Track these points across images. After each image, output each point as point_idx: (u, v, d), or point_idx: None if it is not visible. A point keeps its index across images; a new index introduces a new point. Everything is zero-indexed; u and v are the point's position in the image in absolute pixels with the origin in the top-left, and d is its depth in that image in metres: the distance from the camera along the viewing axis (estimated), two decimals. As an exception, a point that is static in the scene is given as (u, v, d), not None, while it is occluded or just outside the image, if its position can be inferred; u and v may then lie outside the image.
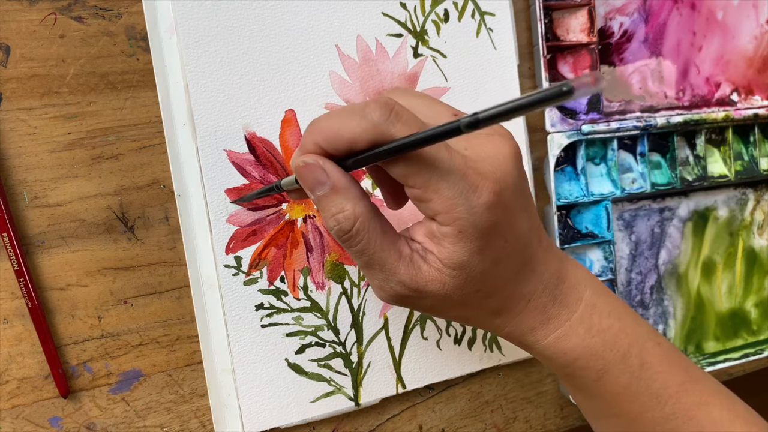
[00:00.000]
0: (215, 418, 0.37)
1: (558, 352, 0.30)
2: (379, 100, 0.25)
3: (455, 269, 0.27)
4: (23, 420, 0.34)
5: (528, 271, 0.29)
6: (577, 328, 0.30)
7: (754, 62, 0.52)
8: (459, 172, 0.25)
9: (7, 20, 0.33)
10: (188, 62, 0.35)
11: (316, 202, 0.27)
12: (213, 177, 0.35)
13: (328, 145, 0.26)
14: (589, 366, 0.30)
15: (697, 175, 0.48)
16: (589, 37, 0.45)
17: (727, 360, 0.49)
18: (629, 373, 0.30)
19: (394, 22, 0.39)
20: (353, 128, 0.25)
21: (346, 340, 0.39)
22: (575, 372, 0.31)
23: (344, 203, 0.26)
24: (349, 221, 0.26)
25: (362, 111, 0.25)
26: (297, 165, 0.27)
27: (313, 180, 0.26)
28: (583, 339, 0.30)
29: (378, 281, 0.28)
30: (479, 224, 0.26)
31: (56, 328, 0.34)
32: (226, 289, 0.36)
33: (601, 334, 0.30)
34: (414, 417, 0.42)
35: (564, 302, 0.30)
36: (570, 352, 0.30)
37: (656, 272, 0.49)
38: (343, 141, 0.25)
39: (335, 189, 0.26)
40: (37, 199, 0.34)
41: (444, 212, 0.26)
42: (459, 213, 0.25)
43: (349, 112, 0.25)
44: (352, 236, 0.27)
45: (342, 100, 0.38)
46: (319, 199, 0.27)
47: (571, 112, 0.45)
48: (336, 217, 0.26)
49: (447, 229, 0.26)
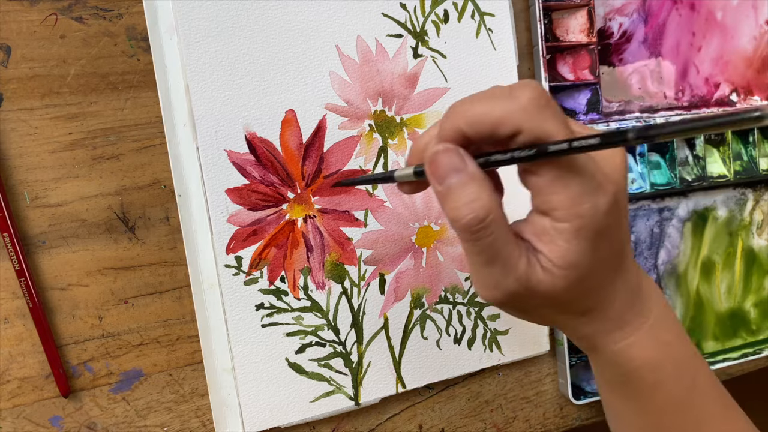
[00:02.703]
0: (216, 417, 0.37)
1: (625, 359, 0.30)
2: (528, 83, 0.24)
3: (566, 269, 0.26)
4: (24, 419, 0.34)
5: (620, 272, 0.29)
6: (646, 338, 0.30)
7: (753, 62, 0.52)
8: (590, 170, 0.25)
9: (7, 21, 0.33)
10: (189, 62, 0.35)
11: (444, 192, 0.26)
12: (213, 177, 0.35)
13: (470, 128, 0.25)
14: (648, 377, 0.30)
15: (697, 175, 0.48)
16: (588, 38, 0.45)
17: (726, 360, 0.49)
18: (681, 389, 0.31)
19: (394, 23, 0.39)
20: (501, 110, 0.24)
21: (346, 340, 0.39)
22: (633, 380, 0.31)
23: (481, 192, 0.25)
24: (485, 209, 0.25)
25: (510, 93, 0.24)
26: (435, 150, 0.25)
27: (449, 166, 0.25)
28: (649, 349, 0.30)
29: (494, 279, 0.27)
30: (598, 224, 0.25)
31: (57, 328, 0.34)
32: (227, 288, 0.36)
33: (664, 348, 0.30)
34: (414, 416, 0.42)
35: (639, 310, 0.30)
36: (635, 360, 0.30)
37: (655, 272, 0.49)
38: (487, 125, 0.24)
39: (471, 177, 0.25)
40: (37, 199, 0.34)
41: (566, 208, 0.25)
42: (584, 210, 0.25)
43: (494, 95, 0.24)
44: (485, 227, 0.25)
45: (342, 101, 0.38)
46: (452, 187, 0.25)
47: (571, 113, 0.45)
48: (471, 206, 0.25)
49: (564, 226, 0.25)
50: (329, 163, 0.38)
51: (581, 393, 0.45)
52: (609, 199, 0.25)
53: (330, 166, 0.38)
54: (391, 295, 0.40)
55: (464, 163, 0.25)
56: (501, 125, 0.24)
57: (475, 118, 0.25)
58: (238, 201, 0.36)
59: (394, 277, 0.40)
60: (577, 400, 0.44)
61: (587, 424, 0.46)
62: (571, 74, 0.45)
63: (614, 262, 0.28)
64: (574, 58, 0.45)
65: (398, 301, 0.40)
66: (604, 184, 0.25)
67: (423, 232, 0.40)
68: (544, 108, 0.24)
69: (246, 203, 0.36)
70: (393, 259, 0.40)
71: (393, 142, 0.39)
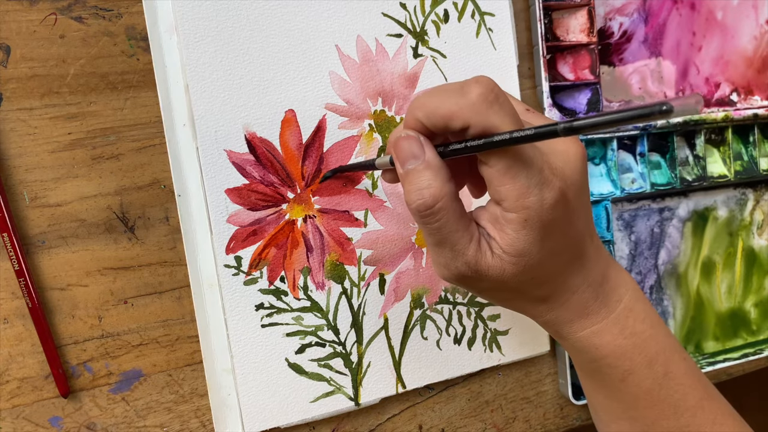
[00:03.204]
0: (215, 417, 0.37)
1: (590, 347, 0.31)
2: (479, 79, 0.26)
3: (515, 256, 0.28)
4: (23, 420, 0.34)
5: (578, 265, 0.30)
6: (612, 328, 0.31)
7: (753, 62, 0.52)
8: (537, 164, 0.26)
9: (7, 20, 0.33)
10: (188, 62, 0.35)
11: (403, 176, 0.28)
12: (213, 177, 0.35)
13: (427, 120, 0.27)
14: (616, 365, 0.31)
15: (697, 175, 0.48)
16: (588, 38, 0.45)
17: (727, 360, 0.49)
18: (652, 379, 0.31)
19: (394, 23, 0.39)
20: (451, 105, 0.26)
21: (346, 340, 0.39)
22: (602, 369, 0.32)
23: (433, 180, 0.27)
24: (433, 197, 0.27)
25: (461, 89, 0.26)
26: (398, 136, 0.28)
27: (408, 152, 0.27)
28: (615, 338, 0.31)
29: (444, 260, 0.29)
30: (544, 216, 0.27)
31: (56, 328, 0.34)
32: (227, 289, 0.36)
33: (633, 337, 0.31)
34: (414, 417, 0.42)
35: (604, 301, 0.31)
36: (601, 349, 0.31)
37: (656, 272, 0.49)
38: (440, 117, 0.26)
39: (427, 164, 0.27)
40: (37, 199, 0.34)
41: (514, 199, 0.26)
42: (529, 203, 0.26)
43: (448, 90, 0.26)
44: (433, 213, 0.27)
45: (342, 101, 0.38)
46: (408, 172, 0.27)
47: (571, 112, 0.45)
48: (422, 192, 0.27)
49: (513, 216, 0.27)
50: (329, 163, 0.38)
51: (581, 393, 0.45)
52: (554, 194, 0.27)
53: (330, 166, 0.38)
54: (391, 295, 0.40)
55: (422, 150, 0.27)
56: (451, 119, 0.26)
57: (429, 111, 0.27)
58: (237, 201, 0.36)
59: (394, 277, 0.40)
60: (578, 400, 0.44)
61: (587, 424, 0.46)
62: (571, 74, 0.45)
63: (569, 254, 0.29)
64: (575, 57, 0.45)
65: (398, 301, 0.40)
66: (550, 179, 0.27)
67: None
68: (492, 103, 0.25)
69: (246, 203, 0.36)
70: (393, 259, 0.40)
71: (393, 142, 0.39)
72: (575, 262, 0.30)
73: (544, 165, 0.26)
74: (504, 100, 0.26)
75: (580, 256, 0.30)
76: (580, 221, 0.29)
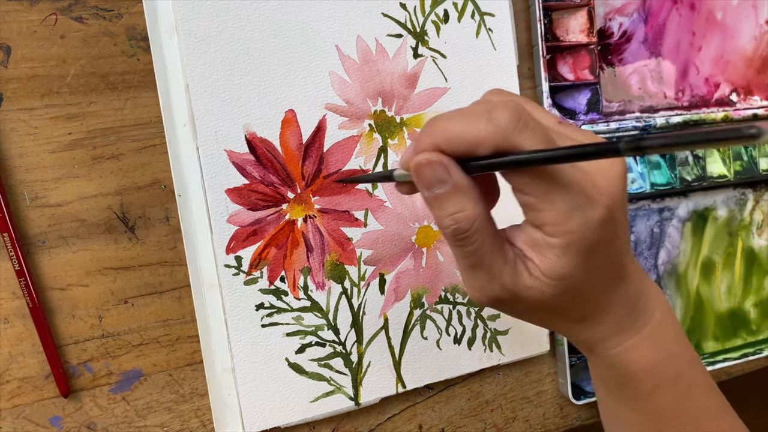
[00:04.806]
0: (216, 417, 0.37)
1: (622, 362, 0.30)
2: (506, 104, 0.24)
3: (556, 280, 0.26)
4: (24, 419, 0.34)
5: (619, 283, 0.29)
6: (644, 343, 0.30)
7: (753, 62, 0.52)
8: (578, 185, 0.25)
9: (7, 20, 0.33)
10: (189, 62, 0.35)
11: (430, 200, 0.26)
12: (213, 177, 0.35)
13: (448, 146, 0.25)
14: (645, 380, 0.31)
15: (697, 176, 0.48)
16: (588, 38, 0.45)
17: (727, 360, 0.49)
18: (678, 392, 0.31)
19: (394, 23, 0.39)
20: (479, 132, 0.24)
21: (346, 340, 0.39)
22: (630, 383, 0.31)
23: (465, 203, 0.25)
24: (468, 221, 0.25)
25: (489, 114, 0.24)
26: (419, 161, 0.26)
27: (433, 178, 0.25)
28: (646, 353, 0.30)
29: (480, 283, 0.27)
30: (589, 239, 0.25)
31: (57, 328, 0.34)
32: (227, 288, 0.36)
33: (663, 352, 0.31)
34: (414, 416, 0.42)
35: (638, 316, 0.30)
36: (633, 364, 0.30)
37: (655, 272, 0.49)
38: (465, 144, 0.25)
39: (457, 188, 0.25)
40: (37, 199, 0.34)
41: (555, 224, 0.25)
42: (572, 227, 0.25)
43: (473, 115, 0.25)
44: (468, 237, 0.26)
45: (342, 101, 0.38)
46: (438, 197, 0.26)
47: (571, 113, 0.45)
48: (455, 217, 0.26)
49: (555, 241, 0.25)
50: (329, 163, 0.38)
51: (581, 393, 0.45)
52: (601, 214, 0.25)
53: (330, 166, 0.38)
54: (391, 295, 0.40)
55: (449, 174, 0.25)
56: (479, 146, 0.24)
57: (453, 137, 0.25)
58: (238, 201, 0.36)
59: (394, 277, 0.40)
60: (577, 400, 0.44)
61: (587, 424, 0.46)
62: (571, 74, 0.45)
63: (611, 272, 0.28)
64: (574, 58, 0.45)
65: (398, 301, 0.40)
66: (596, 198, 0.25)
67: (423, 232, 0.40)
68: (523, 129, 0.24)
69: (246, 203, 0.36)
70: (393, 259, 0.40)
71: (393, 142, 0.39)
72: (616, 279, 0.29)
73: (587, 185, 0.25)
74: (535, 124, 0.24)
75: (620, 273, 0.29)
76: (622, 238, 0.28)
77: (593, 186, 0.25)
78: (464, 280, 0.28)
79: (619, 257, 0.28)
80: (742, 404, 0.34)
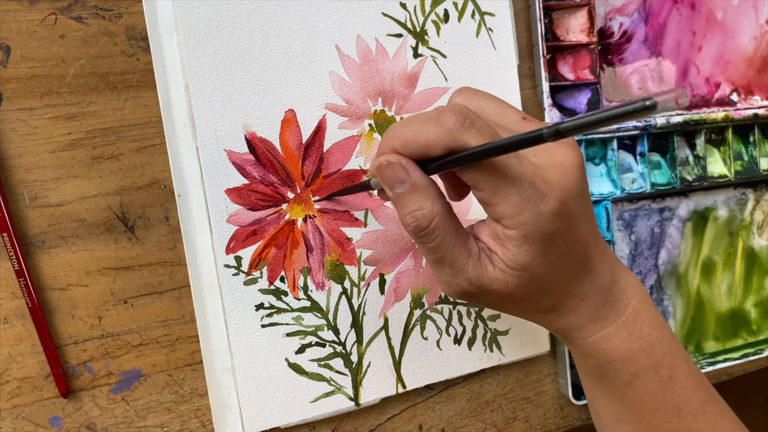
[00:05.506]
0: (215, 417, 0.37)
1: (598, 351, 0.31)
2: (454, 107, 0.26)
3: (518, 270, 0.28)
4: (23, 420, 0.34)
5: (585, 272, 0.30)
6: (621, 332, 0.31)
7: (753, 62, 0.52)
8: (528, 179, 0.26)
9: (7, 20, 0.33)
10: (188, 62, 0.35)
11: (394, 200, 0.28)
12: (213, 177, 0.35)
13: (405, 150, 0.27)
14: (623, 369, 0.31)
15: (697, 175, 0.48)
16: (588, 38, 0.45)
17: (727, 360, 0.49)
18: (658, 383, 0.32)
19: (394, 22, 0.39)
20: (428, 134, 0.26)
21: (346, 340, 0.39)
22: (609, 373, 0.32)
23: (423, 201, 0.27)
24: (427, 219, 0.27)
25: (437, 118, 0.26)
26: (380, 163, 0.28)
27: (394, 178, 0.27)
28: (623, 342, 0.31)
29: (446, 277, 0.29)
30: (544, 230, 0.27)
31: (56, 328, 0.34)
32: (227, 289, 0.36)
33: (640, 341, 0.31)
34: (414, 417, 0.42)
35: (613, 305, 0.31)
36: (609, 353, 0.31)
37: (656, 272, 0.49)
38: (418, 146, 0.27)
39: (415, 187, 0.27)
40: (37, 199, 0.34)
41: (510, 216, 0.26)
42: (525, 219, 0.26)
43: (424, 120, 0.26)
44: (429, 233, 0.27)
45: (342, 101, 0.38)
46: (398, 196, 0.28)
47: (571, 112, 0.45)
48: (414, 214, 0.27)
49: (512, 233, 0.27)
50: (329, 163, 0.38)
51: (581, 393, 0.45)
52: (553, 206, 0.27)
53: (330, 165, 0.38)
54: (391, 295, 0.40)
55: (407, 174, 0.27)
56: (431, 147, 0.26)
57: (408, 141, 0.27)
58: (237, 201, 0.36)
59: (394, 277, 0.40)
60: (578, 400, 0.44)
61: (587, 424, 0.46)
62: (571, 74, 0.45)
63: (574, 262, 0.29)
64: (575, 57, 0.45)
65: (398, 301, 0.40)
66: (547, 192, 0.26)
67: (423, 232, 0.40)
68: (468, 128, 0.25)
69: (246, 203, 0.36)
70: (393, 259, 0.40)
71: (393, 142, 0.39)
72: (581, 269, 0.30)
73: (537, 179, 0.26)
74: (480, 123, 0.26)
75: (586, 263, 0.30)
76: (582, 229, 0.29)
77: (543, 180, 0.27)
78: (433, 274, 0.30)
79: (583, 248, 0.29)
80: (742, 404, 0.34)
